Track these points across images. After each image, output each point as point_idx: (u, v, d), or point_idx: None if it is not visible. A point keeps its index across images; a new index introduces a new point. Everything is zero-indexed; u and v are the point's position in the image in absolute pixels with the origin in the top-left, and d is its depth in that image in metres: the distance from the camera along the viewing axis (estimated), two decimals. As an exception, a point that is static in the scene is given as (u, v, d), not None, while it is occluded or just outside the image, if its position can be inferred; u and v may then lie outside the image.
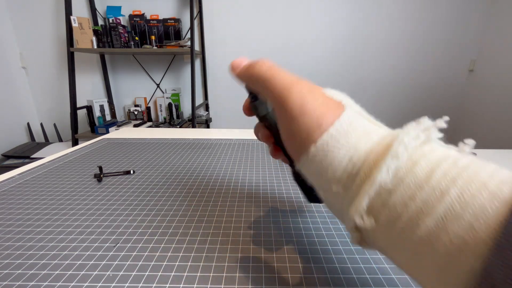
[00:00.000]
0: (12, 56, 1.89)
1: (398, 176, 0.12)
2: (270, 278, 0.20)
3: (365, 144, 0.13)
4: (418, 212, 0.11)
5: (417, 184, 0.11)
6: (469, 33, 1.90)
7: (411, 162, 0.12)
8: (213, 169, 0.42)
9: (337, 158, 0.14)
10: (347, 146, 0.14)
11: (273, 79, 0.16)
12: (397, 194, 0.12)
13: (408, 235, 0.11)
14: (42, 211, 0.30)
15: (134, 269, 0.21)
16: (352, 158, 0.13)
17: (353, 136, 0.14)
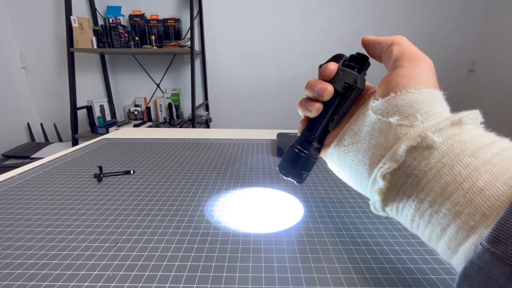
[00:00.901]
0: (12, 56, 1.89)
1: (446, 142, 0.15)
2: (270, 278, 0.20)
3: (444, 111, 0.18)
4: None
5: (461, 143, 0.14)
6: (469, 33, 1.90)
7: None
8: (213, 169, 0.42)
9: (428, 101, 0.17)
10: (435, 102, 0.17)
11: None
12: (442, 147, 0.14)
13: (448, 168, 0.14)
14: (42, 211, 0.30)
15: (134, 269, 0.21)
16: (435, 108, 0.17)
17: (437, 103, 0.17)
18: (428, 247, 0.24)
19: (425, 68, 0.18)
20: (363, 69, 0.22)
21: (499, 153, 0.13)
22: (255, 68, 2.01)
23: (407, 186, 0.15)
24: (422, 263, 0.22)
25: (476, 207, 0.12)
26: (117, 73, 2.05)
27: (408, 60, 0.19)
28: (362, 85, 0.22)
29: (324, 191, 0.35)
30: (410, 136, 0.15)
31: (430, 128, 0.15)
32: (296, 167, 0.23)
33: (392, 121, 0.17)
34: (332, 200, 0.32)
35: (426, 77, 0.18)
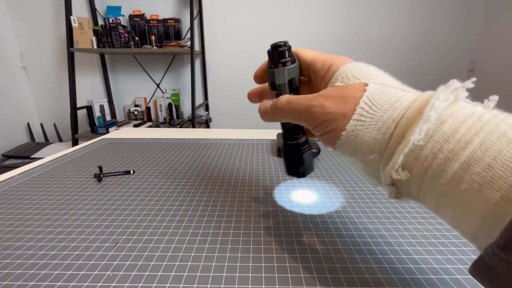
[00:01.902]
0: (12, 56, 1.89)
1: (428, 134, 0.14)
2: (270, 278, 0.20)
3: (391, 114, 0.15)
4: (445, 160, 0.13)
5: (445, 139, 0.13)
6: (469, 33, 1.90)
7: (439, 122, 0.14)
8: (213, 169, 0.42)
9: (366, 135, 0.16)
10: (373, 123, 0.16)
11: (295, 109, 0.19)
12: (427, 148, 0.14)
13: (437, 180, 0.13)
14: (42, 211, 0.30)
15: (134, 269, 0.21)
16: (380, 129, 0.16)
17: (378, 111, 0.16)
18: (428, 247, 0.24)
19: (319, 112, 0.18)
20: (286, 58, 0.20)
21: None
22: (255, 68, 1.98)
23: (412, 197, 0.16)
24: (422, 263, 0.22)
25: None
26: (117, 73, 2.05)
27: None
28: (294, 73, 0.21)
29: (324, 191, 0.35)
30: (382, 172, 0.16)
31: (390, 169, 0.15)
32: (289, 165, 0.24)
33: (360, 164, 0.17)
34: (332, 200, 0.32)
35: (326, 104, 0.17)
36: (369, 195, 0.33)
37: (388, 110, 0.15)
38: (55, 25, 1.87)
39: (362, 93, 0.16)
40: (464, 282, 0.20)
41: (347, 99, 0.17)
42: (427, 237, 0.25)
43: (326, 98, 0.17)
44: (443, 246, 0.24)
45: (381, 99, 0.16)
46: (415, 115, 0.14)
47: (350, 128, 0.16)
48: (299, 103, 0.19)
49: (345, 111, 0.16)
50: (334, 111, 0.17)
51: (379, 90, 0.16)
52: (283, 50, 0.20)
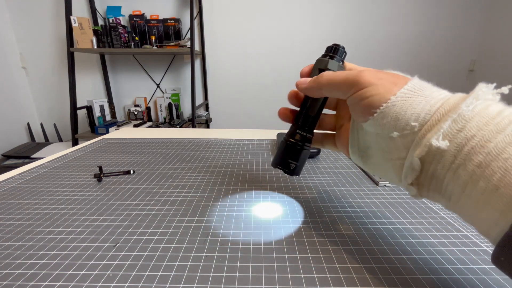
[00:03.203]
0: (12, 56, 1.89)
1: (475, 111, 0.15)
2: (270, 278, 0.20)
3: (439, 95, 0.17)
4: (491, 132, 0.14)
5: (490, 116, 0.14)
6: (469, 33, 1.90)
7: (484, 105, 0.15)
8: (213, 169, 0.42)
9: (415, 103, 0.17)
10: (422, 95, 0.17)
11: (342, 75, 0.20)
12: (473, 122, 0.14)
13: (475, 153, 0.14)
14: (42, 211, 0.30)
15: (134, 269, 0.21)
16: (429, 102, 0.16)
17: (427, 90, 0.17)
18: (428, 247, 0.24)
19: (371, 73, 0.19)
20: (336, 55, 0.23)
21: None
22: (255, 68, 2.01)
23: (433, 186, 0.17)
24: (422, 263, 0.22)
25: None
26: (117, 73, 2.05)
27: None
28: (334, 67, 0.23)
29: (324, 190, 0.35)
30: (417, 144, 0.16)
31: (431, 135, 0.15)
32: (283, 155, 0.24)
33: (394, 136, 0.17)
34: (332, 200, 0.32)
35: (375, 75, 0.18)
36: (369, 195, 0.34)
37: (435, 92, 0.17)
38: (55, 25, 1.87)
39: (409, 79, 0.18)
40: (464, 282, 0.20)
41: (398, 76, 0.18)
42: (427, 237, 0.25)
43: (378, 71, 0.19)
44: (443, 246, 0.24)
45: (423, 90, 0.17)
46: (462, 98, 0.16)
47: (400, 94, 0.17)
48: (346, 72, 0.20)
49: (396, 81, 0.18)
50: (385, 78, 0.18)
51: (419, 84, 0.18)
52: (342, 49, 0.23)
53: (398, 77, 0.18)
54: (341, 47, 0.23)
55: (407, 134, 0.17)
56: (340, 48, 0.23)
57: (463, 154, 0.14)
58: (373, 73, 0.18)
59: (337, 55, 0.23)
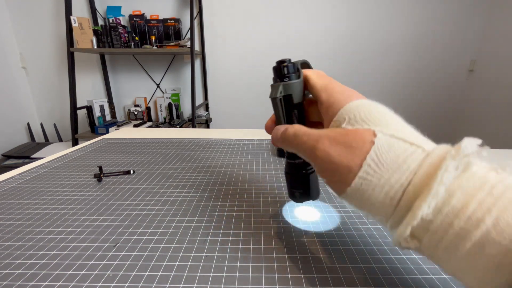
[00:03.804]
0: (12, 56, 1.89)
1: (437, 207, 0.13)
2: (270, 278, 0.20)
3: (399, 178, 0.14)
4: (457, 236, 0.12)
5: (454, 214, 0.13)
6: (469, 33, 1.90)
7: (448, 194, 0.13)
8: (213, 169, 0.42)
9: (373, 196, 0.15)
10: (379, 185, 0.15)
11: (300, 145, 0.18)
12: (437, 221, 0.13)
13: (450, 254, 0.13)
14: (42, 211, 0.30)
15: (134, 269, 0.21)
16: (387, 193, 0.15)
17: (385, 173, 0.15)
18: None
19: (324, 155, 0.17)
20: (283, 74, 0.20)
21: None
22: (255, 68, 2.01)
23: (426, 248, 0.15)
24: (422, 263, 0.22)
25: None
26: (117, 73, 2.05)
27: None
28: (291, 89, 0.20)
29: (324, 190, 0.35)
30: (391, 231, 0.15)
31: (398, 236, 0.14)
32: (288, 187, 0.24)
33: None
34: (332, 200, 0.32)
35: (328, 155, 0.16)
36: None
37: (395, 172, 0.14)
38: (55, 25, 1.87)
39: (369, 145, 0.15)
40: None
41: (353, 150, 0.16)
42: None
43: (332, 143, 0.17)
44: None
45: (388, 157, 0.15)
46: (422, 184, 0.14)
47: (355, 186, 0.16)
48: (304, 140, 0.18)
49: (351, 165, 0.16)
50: (339, 163, 0.16)
51: (387, 145, 0.15)
52: (279, 67, 0.20)
53: (354, 152, 0.16)
54: (285, 63, 0.20)
55: (379, 220, 0.16)
56: (284, 66, 0.20)
57: (440, 251, 0.13)
58: (326, 152, 0.16)
59: (284, 74, 0.20)
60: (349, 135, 0.16)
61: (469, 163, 0.13)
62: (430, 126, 2.10)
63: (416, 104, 2.06)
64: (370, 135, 0.16)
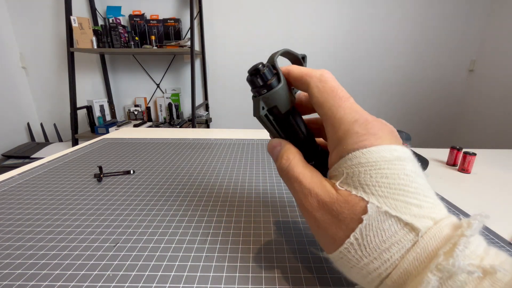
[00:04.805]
0: (12, 56, 1.89)
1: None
2: (270, 278, 0.20)
3: (378, 267, 0.14)
4: None
5: None
6: (469, 33, 1.90)
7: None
8: (213, 169, 0.42)
9: (350, 273, 0.15)
10: (358, 266, 0.14)
11: (292, 187, 0.17)
12: None
13: None
14: (42, 211, 0.30)
15: (134, 269, 0.21)
16: (365, 277, 0.14)
17: (366, 255, 0.14)
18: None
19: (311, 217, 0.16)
20: (258, 87, 0.17)
21: None
22: (255, 68, 2.01)
23: None
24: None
25: None
26: (117, 73, 2.05)
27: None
28: (273, 100, 0.17)
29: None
30: None
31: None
32: None
33: None
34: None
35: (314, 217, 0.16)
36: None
37: (376, 259, 0.14)
38: (55, 25, 1.87)
39: (357, 223, 0.14)
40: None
41: (340, 224, 0.14)
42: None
43: (320, 208, 0.15)
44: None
45: (373, 240, 0.14)
46: (401, 280, 0.13)
47: (335, 258, 0.15)
48: (296, 189, 0.16)
49: (335, 238, 0.15)
50: (324, 230, 0.15)
51: (377, 224, 0.13)
52: (253, 77, 0.17)
53: (340, 226, 0.14)
54: (255, 73, 0.17)
55: None
56: (257, 76, 0.17)
57: None
58: (314, 216, 0.15)
59: (259, 86, 0.17)
60: (338, 203, 0.15)
61: (457, 270, 0.12)
62: (430, 126, 2.10)
63: (416, 104, 2.06)
64: (361, 210, 0.14)
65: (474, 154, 0.43)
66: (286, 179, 0.17)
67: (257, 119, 0.18)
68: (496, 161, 0.50)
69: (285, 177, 0.17)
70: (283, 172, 0.17)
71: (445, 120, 2.09)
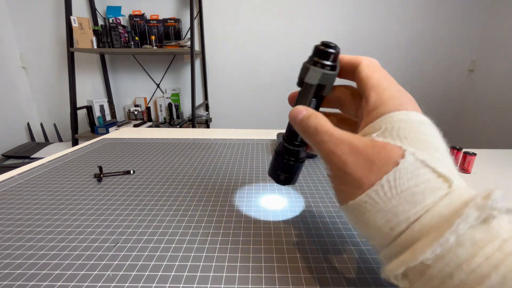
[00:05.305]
0: (12, 56, 1.89)
1: (439, 253, 0.12)
2: (270, 278, 0.20)
3: (408, 210, 0.13)
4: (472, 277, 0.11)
5: (457, 264, 0.11)
6: (469, 33, 1.90)
7: (455, 243, 0.12)
8: (213, 169, 0.42)
9: (372, 219, 0.14)
10: (385, 210, 0.14)
11: (320, 144, 0.17)
12: (435, 269, 0.12)
13: None
14: (42, 211, 0.30)
15: (134, 269, 0.21)
16: (389, 222, 0.14)
17: (396, 199, 0.14)
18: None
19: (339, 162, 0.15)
20: (327, 62, 0.18)
21: None
22: (255, 68, 2.01)
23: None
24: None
25: None
26: (117, 73, 2.05)
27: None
28: (327, 81, 0.19)
29: (324, 190, 0.35)
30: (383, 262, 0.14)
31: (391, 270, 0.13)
32: (273, 167, 0.22)
33: None
34: (332, 200, 0.32)
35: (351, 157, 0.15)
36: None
37: (406, 202, 0.13)
38: (55, 25, 1.87)
39: (392, 166, 0.14)
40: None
41: (373, 167, 0.14)
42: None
43: (352, 152, 0.15)
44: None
45: (407, 183, 0.13)
46: (432, 225, 0.13)
47: (359, 202, 0.15)
48: (324, 140, 0.16)
49: (363, 181, 0.14)
50: (352, 174, 0.15)
51: (412, 170, 0.14)
52: (328, 51, 0.18)
53: (372, 168, 0.14)
54: (333, 48, 0.18)
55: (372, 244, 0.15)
56: (332, 53, 0.18)
57: None
58: (343, 160, 0.15)
59: (329, 62, 0.18)
60: (375, 148, 0.15)
61: (491, 217, 0.12)
62: (430, 126, 2.10)
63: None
64: (398, 155, 0.14)
65: (474, 154, 0.43)
66: (313, 134, 0.17)
67: (303, 84, 0.19)
68: (496, 161, 0.50)
69: (311, 132, 0.17)
70: (310, 128, 0.17)
71: (445, 120, 2.09)
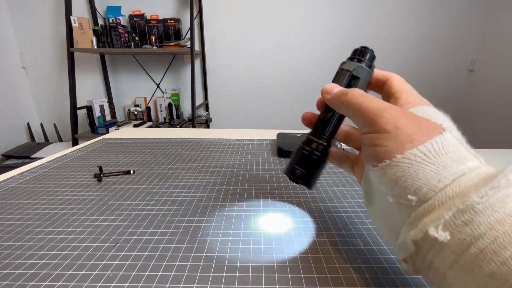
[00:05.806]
0: (12, 56, 1.89)
1: (489, 201, 0.12)
2: (270, 278, 0.20)
3: (456, 167, 0.14)
4: (505, 235, 0.11)
5: (506, 212, 0.11)
6: (469, 33, 1.90)
7: (504, 194, 0.12)
8: (213, 169, 0.42)
9: (421, 171, 0.14)
10: (435, 164, 0.14)
11: (366, 104, 0.17)
12: (483, 216, 0.12)
13: (486, 259, 0.11)
14: (42, 211, 0.30)
15: (134, 269, 0.21)
16: (439, 174, 0.14)
17: (444, 157, 0.14)
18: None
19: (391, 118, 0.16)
20: (365, 59, 0.21)
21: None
22: (255, 68, 2.01)
23: (431, 275, 0.14)
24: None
25: None
26: (117, 73, 2.05)
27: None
28: (362, 74, 0.21)
29: (324, 190, 0.35)
30: (412, 223, 0.14)
31: (430, 221, 0.13)
32: (291, 161, 0.22)
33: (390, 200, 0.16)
34: (332, 200, 0.32)
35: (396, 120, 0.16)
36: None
37: (454, 161, 0.14)
38: (55, 25, 1.87)
39: (438, 132, 0.15)
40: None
41: (421, 128, 0.15)
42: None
43: (402, 114, 0.16)
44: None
45: (451, 148, 0.15)
46: (479, 180, 0.13)
47: (408, 155, 0.15)
48: (374, 101, 0.17)
49: (414, 138, 0.15)
50: (403, 129, 0.15)
51: (453, 141, 0.15)
52: (366, 51, 0.21)
53: (421, 129, 0.15)
54: (370, 51, 0.21)
55: (403, 204, 0.15)
56: (369, 52, 0.21)
57: (470, 256, 0.12)
58: (395, 117, 0.16)
59: (365, 59, 0.21)
60: (421, 117, 0.16)
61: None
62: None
63: (416, 104, 2.06)
64: (440, 128, 0.16)
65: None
66: (358, 97, 0.18)
67: (341, 71, 0.21)
68: (496, 161, 0.50)
69: (356, 98, 0.18)
70: (355, 94, 0.18)
71: (445, 120, 2.09)
